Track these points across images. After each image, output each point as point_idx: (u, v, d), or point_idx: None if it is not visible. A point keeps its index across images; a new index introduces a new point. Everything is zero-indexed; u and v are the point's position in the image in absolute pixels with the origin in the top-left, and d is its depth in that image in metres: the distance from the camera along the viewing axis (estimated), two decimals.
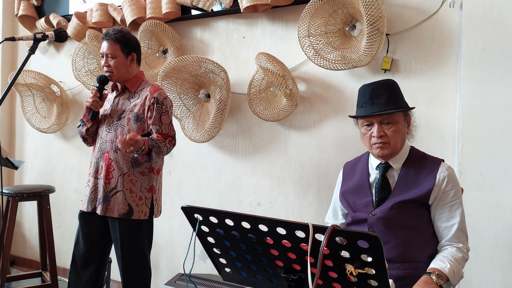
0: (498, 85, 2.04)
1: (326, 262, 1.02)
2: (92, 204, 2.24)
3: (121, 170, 2.20)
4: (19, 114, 3.89)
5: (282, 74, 2.47)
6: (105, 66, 2.23)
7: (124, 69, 2.25)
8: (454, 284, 1.51)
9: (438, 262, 1.51)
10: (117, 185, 2.20)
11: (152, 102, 2.20)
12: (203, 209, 1.13)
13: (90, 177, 2.30)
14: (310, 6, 2.36)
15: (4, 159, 2.74)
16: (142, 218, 2.23)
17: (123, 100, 2.28)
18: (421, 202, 1.58)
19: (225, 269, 1.23)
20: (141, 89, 2.28)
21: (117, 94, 2.31)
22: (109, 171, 2.21)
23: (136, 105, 2.23)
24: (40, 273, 3.18)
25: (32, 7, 3.65)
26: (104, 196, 2.20)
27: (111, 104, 2.30)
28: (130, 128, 2.21)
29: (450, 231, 1.56)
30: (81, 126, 2.34)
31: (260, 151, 2.79)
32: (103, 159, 2.24)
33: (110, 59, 2.22)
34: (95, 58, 3.22)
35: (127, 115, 2.23)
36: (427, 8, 2.28)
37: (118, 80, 2.28)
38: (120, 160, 2.21)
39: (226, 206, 2.87)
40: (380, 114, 1.58)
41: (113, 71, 2.23)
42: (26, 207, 3.86)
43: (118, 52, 2.22)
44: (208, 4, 2.80)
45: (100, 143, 2.27)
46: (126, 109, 2.24)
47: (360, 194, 1.68)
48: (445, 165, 1.61)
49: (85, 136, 2.35)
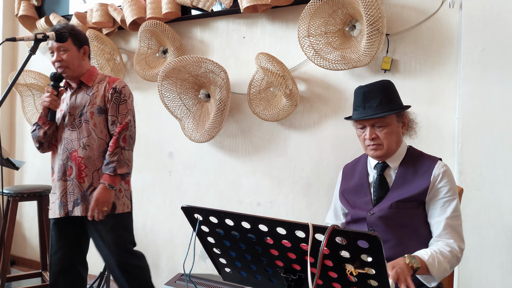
0: (497, 85, 2.04)
1: (326, 262, 1.02)
2: (65, 209, 2.16)
3: (94, 166, 2.14)
4: (19, 114, 3.89)
5: (282, 74, 2.47)
6: (57, 61, 2.13)
7: (78, 62, 2.16)
8: (436, 277, 1.46)
9: (420, 251, 1.49)
10: (93, 181, 2.14)
11: (111, 92, 2.16)
12: (203, 209, 1.13)
13: (55, 182, 2.20)
14: (310, 6, 2.36)
15: (5, 160, 2.74)
16: (126, 211, 2.20)
17: (81, 96, 2.19)
18: (419, 201, 1.58)
19: (225, 269, 1.23)
20: (98, 82, 2.21)
21: (73, 92, 2.21)
22: (81, 170, 2.14)
23: (97, 97, 2.16)
24: (40, 273, 3.18)
25: (32, 7, 3.65)
26: (82, 196, 2.14)
27: (67, 103, 2.21)
28: (96, 122, 2.14)
29: (439, 227, 1.54)
30: (36, 130, 2.20)
31: (260, 151, 2.79)
32: (72, 159, 2.15)
33: (62, 52, 2.12)
34: (95, 58, 3.22)
35: (89, 110, 2.15)
36: (427, 8, 2.28)
37: (72, 75, 2.18)
38: (92, 156, 2.14)
39: (226, 206, 2.87)
40: (372, 118, 1.59)
41: (66, 65, 2.13)
42: (26, 207, 3.86)
43: (70, 45, 2.13)
44: (208, 4, 2.80)
45: (65, 144, 2.18)
46: (86, 104, 2.16)
47: (360, 193, 1.69)
48: (441, 163, 1.61)
49: (42, 141, 2.21)
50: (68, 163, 2.16)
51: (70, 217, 2.18)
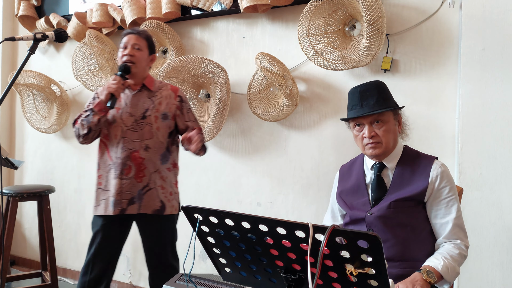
0: (497, 85, 2.04)
1: (326, 262, 1.02)
2: (118, 206, 2.16)
3: (154, 167, 2.19)
4: (19, 114, 3.89)
5: (282, 74, 2.47)
6: (128, 55, 2.16)
7: (144, 64, 2.22)
8: (450, 281, 1.51)
9: (432, 259, 1.51)
10: (150, 182, 2.19)
11: (179, 100, 2.27)
12: (203, 209, 1.13)
13: (110, 180, 2.19)
14: (310, 6, 2.36)
15: (4, 159, 2.74)
16: (174, 212, 2.26)
17: (143, 98, 2.23)
18: (417, 200, 1.59)
19: (225, 269, 1.23)
20: (159, 88, 2.27)
21: (135, 93, 2.24)
22: (140, 170, 2.17)
23: (162, 104, 2.22)
24: (40, 273, 3.18)
25: (32, 7, 3.66)
26: (138, 195, 2.18)
27: (127, 102, 2.22)
28: (159, 126, 2.20)
29: (446, 228, 1.56)
30: (90, 115, 2.15)
31: (260, 151, 2.79)
32: (132, 159, 2.17)
33: (135, 50, 2.18)
34: (95, 58, 3.22)
35: (153, 113, 2.20)
36: (427, 8, 2.28)
37: (136, 73, 2.20)
38: (152, 158, 2.19)
39: (226, 206, 2.87)
40: (370, 115, 1.60)
41: (135, 61, 2.17)
42: (26, 207, 3.86)
43: (144, 47, 2.21)
44: (208, 4, 2.80)
45: (124, 143, 2.17)
46: (150, 107, 2.21)
47: (357, 194, 1.69)
48: (438, 163, 1.62)
49: (93, 128, 2.16)
50: (127, 162, 2.17)
51: (120, 215, 2.19)
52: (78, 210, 3.56)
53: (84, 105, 3.53)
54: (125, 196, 2.17)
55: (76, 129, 2.20)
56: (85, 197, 3.52)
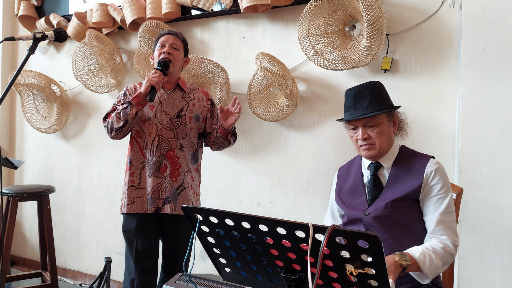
0: (498, 85, 2.04)
1: (326, 262, 1.02)
2: (155, 204, 2.17)
3: (187, 167, 2.22)
4: (19, 114, 3.89)
5: (282, 74, 2.47)
6: (167, 53, 2.17)
7: (180, 65, 2.25)
8: (428, 273, 1.46)
9: (411, 248, 1.49)
10: (184, 182, 2.20)
11: (210, 104, 2.31)
12: (203, 209, 1.13)
13: (145, 178, 2.19)
14: (310, 6, 2.36)
15: (4, 159, 2.74)
16: None
17: (178, 98, 2.24)
18: (413, 199, 1.59)
19: (225, 269, 1.23)
20: (191, 90, 2.30)
21: (169, 92, 2.24)
22: (175, 169, 2.18)
23: (195, 105, 2.26)
24: (40, 273, 3.18)
25: (32, 7, 3.66)
26: (173, 194, 2.18)
27: (161, 101, 2.22)
28: (193, 127, 2.23)
29: (432, 223, 1.55)
30: (129, 108, 2.11)
31: (260, 151, 2.79)
32: (168, 157, 2.18)
33: (174, 49, 2.20)
34: (95, 58, 3.23)
35: (187, 114, 2.22)
36: (427, 8, 2.28)
37: (172, 72, 2.21)
38: (186, 157, 2.21)
39: (226, 206, 2.87)
40: (363, 118, 1.61)
41: (173, 60, 2.18)
42: (26, 207, 3.86)
43: (180, 48, 2.24)
44: (208, 4, 2.80)
45: (160, 141, 2.18)
46: (184, 107, 2.23)
47: (355, 194, 1.70)
48: (433, 161, 1.62)
49: (130, 121, 2.12)
50: (163, 160, 2.18)
51: (155, 213, 2.19)
52: (78, 210, 3.56)
53: (84, 105, 3.54)
54: (162, 195, 2.17)
55: (109, 123, 2.15)
56: (85, 197, 3.52)
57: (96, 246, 3.46)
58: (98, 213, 3.45)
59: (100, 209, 3.44)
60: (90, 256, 3.50)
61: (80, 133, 3.56)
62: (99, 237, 3.44)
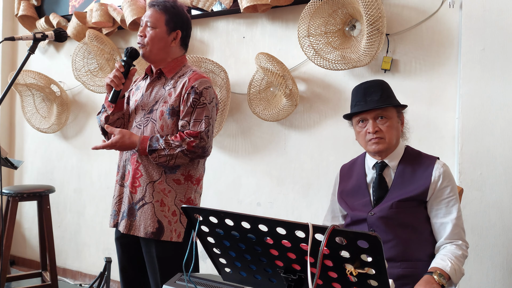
0: (497, 85, 2.04)
1: (326, 262, 1.02)
2: (115, 219, 1.84)
3: (150, 177, 1.76)
4: (19, 114, 3.89)
5: (282, 74, 2.47)
6: (139, 36, 1.80)
7: (161, 45, 1.78)
8: (456, 282, 1.51)
9: (439, 261, 1.51)
10: (145, 195, 1.76)
11: (188, 92, 1.73)
12: (203, 209, 1.13)
13: (116, 185, 1.87)
14: (310, 6, 2.36)
15: (4, 159, 2.74)
16: (174, 239, 1.76)
17: (157, 88, 1.82)
18: (419, 200, 1.59)
19: (225, 269, 1.23)
20: (180, 76, 1.81)
21: (150, 81, 1.85)
22: (135, 177, 1.77)
23: (172, 95, 1.76)
24: (40, 273, 3.18)
25: (32, 7, 3.65)
26: (129, 209, 1.78)
27: (142, 93, 1.85)
28: (164, 124, 1.76)
29: (448, 228, 1.56)
30: (101, 113, 1.88)
31: (260, 151, 2.79)
32: (131, 162, 1.79)
33: (148, 28, 1.77)
34: (95, 58, 3.22)
35: (160, 107, 1.77)
36: (427, 8, 2.28)
37: (150, 57, 1.80)
38: (150, 163, 1.77)
39: (226, 206, 2.87)
40: (375, 110, 1.61)
41: (145, 43, 1.77)
42: (26, 207, 3.86)
43: (160, 23, 1.77)
44: (208, 4, 2.80)
45: None
46: (160, 100, 1.78)
47: (358, 194, 1.69)
48: (440, 162, 1.62)
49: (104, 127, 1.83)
50: (128, 166, 1.82)
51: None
52: (78, 210, 3.56)
53: (83, 105, 3.54)
54: (122, 207, 1.82)
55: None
56: (85, 197, 3.52)
57: (96, 246, 3.46)
58: (98, 213, 3.45)
59: (100, 209, 3.43)
60: (90, 256, 3.49)
61: (80, 133, 3.55)
62: (99, 237, 3.44)
